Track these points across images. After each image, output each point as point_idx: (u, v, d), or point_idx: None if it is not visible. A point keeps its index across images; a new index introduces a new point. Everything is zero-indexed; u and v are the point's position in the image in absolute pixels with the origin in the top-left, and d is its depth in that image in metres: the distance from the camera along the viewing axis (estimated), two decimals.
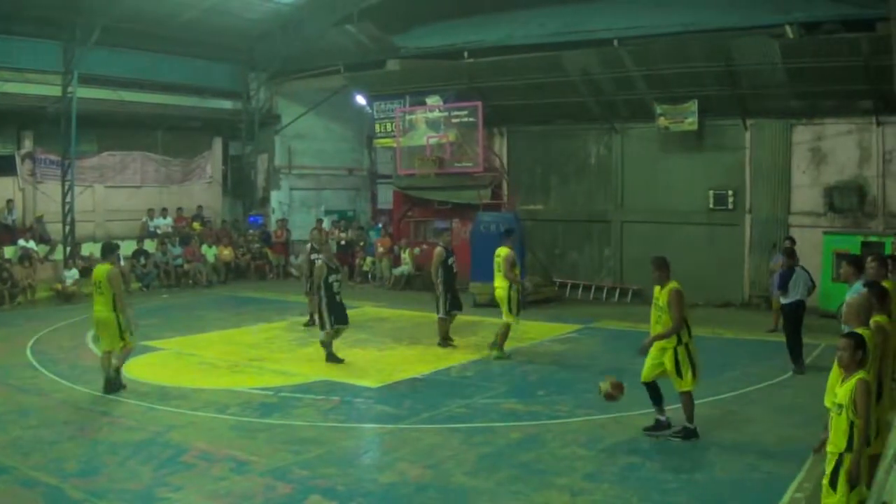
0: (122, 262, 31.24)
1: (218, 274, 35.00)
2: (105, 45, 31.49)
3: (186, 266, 34.28)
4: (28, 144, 33.03)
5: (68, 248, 31.94)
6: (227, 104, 39.15)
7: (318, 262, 20.05)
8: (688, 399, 13.16)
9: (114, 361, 16.48)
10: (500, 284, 19.94)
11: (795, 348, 18.21)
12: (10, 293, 28.49)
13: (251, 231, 38.36)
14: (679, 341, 13.05)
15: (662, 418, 13.26)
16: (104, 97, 33.18)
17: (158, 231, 35.71)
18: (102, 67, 32.65)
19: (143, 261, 32.91)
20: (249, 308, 27.75)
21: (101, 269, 16.55)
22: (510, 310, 19.76)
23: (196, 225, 37.18)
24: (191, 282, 34.16)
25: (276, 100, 40.15)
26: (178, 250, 34.52)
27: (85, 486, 11.36)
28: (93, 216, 34.84)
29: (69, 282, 29.85)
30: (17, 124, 32.82)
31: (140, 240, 34.24)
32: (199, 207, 38.36)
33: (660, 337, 13.09)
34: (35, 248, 31.08)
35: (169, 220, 36.59)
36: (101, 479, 11.71)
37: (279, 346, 21.49)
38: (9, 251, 30.38)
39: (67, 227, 32.36)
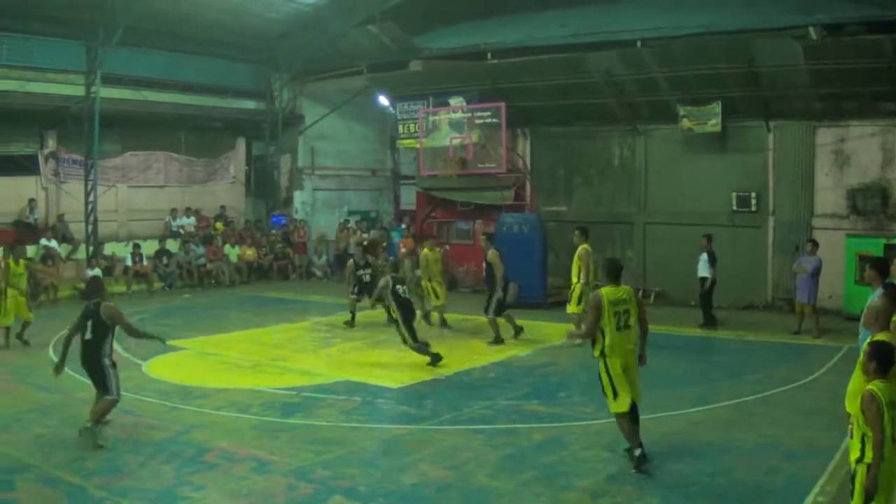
0: (145, 262, 31.45)
1: (240, 274, 35.04)
2: (128, 45, 31.52)
3: (209, 266, 34.34)
4: (51, 144, 33.14)
5: (91, 248, 32.01)
6: (250, 104, 39.25)
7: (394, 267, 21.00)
8: (620, 422, 12.20)
9: None
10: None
11: None
12: (32, 292, 28.52)
13: (274, 231, 38.37)
14: (600, 353, 12.07)
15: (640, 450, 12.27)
16: (127, 97, 33.27)
17: (181, 231, 35.78)
18: (125, 67, 32.73)
19: (165, 260, 32.97)
20: (272, 308, 27.78)
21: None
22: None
23: (219, 225, 37.24)
24: (213, 281, 34.21)
25: (299, 100, 40.16)
26: (200, 250, 34.58)
27: (107, 485, 11.38)
28: (116, 216, 34.94)
29: None
30: (41, 124, 32.93)
31: (163, 239, 34.31)
32: (222, 207, 38.43)
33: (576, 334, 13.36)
34: (57, 247, 31.16)
35: (192, 219, 36.65)
36: (123, 478, 11.73)
37: (301, 346, 21.50)
38: (31, 250, 30.43)
39: (90, 227, 32.42)
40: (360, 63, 36.39)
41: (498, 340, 21.43)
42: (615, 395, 11.86)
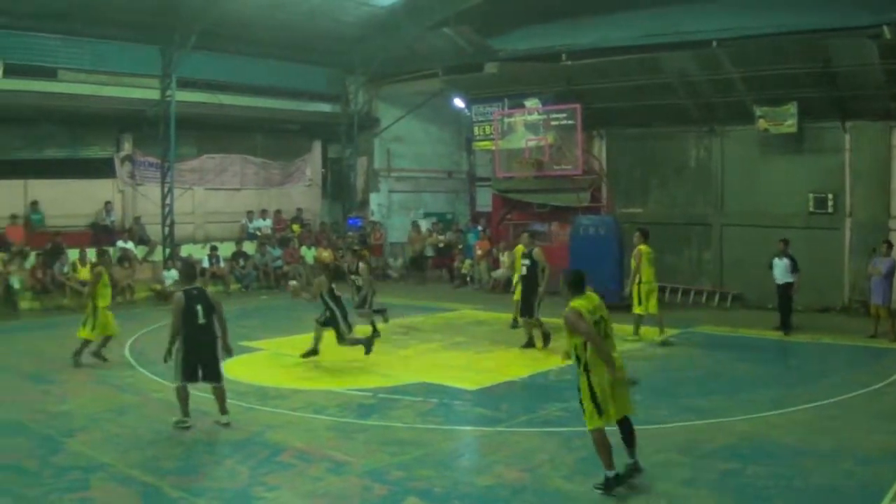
0: (222, 264, 31.63)
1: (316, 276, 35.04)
2: (203, 48, 31.86)
3: (286, 268, 34.44)
4: (127, 147, 33.49)
5: (167, 250, 32.26)
6: (325, 107, 39.37)
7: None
8: (596, 437, 11.17)
9: None
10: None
11: None
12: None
13: (350, 233, 38.42)
14: (582, 367, 11.11)
15: (634, 461, 11.62)
16: (203, 100, 33.60)
17: (258, 233, 35.97)
18: (201, 71, 33.08)
19: (242, 262, 33.16)
20: (347, 311, 27.79)
21: None
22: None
23: (295, 227, 37.42)
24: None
25: (374, 103, 40.21)
26: (277, 252, 34.72)
27: (182, 485, 11.43)
28: (192, 218, 35.26)
29: (168, 282, 30.14)
30: (117, 127, 33.36)
31: (239, 241, 34.58)
32: (299, 210, 38.61)
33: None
34: (134, 249, 31.41)
35: (268, 221, 36.85)
36: (198, 477, 11.79)
37: (377, 347, 21.34)
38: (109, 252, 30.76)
39: (167, 229, 32.66)
40: (436, 65, 36.39)
41: (530, 344, 21.18)
42: (599, 410, 10.98)
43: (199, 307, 13.63)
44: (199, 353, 13.71)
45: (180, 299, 13.76)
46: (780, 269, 23.40)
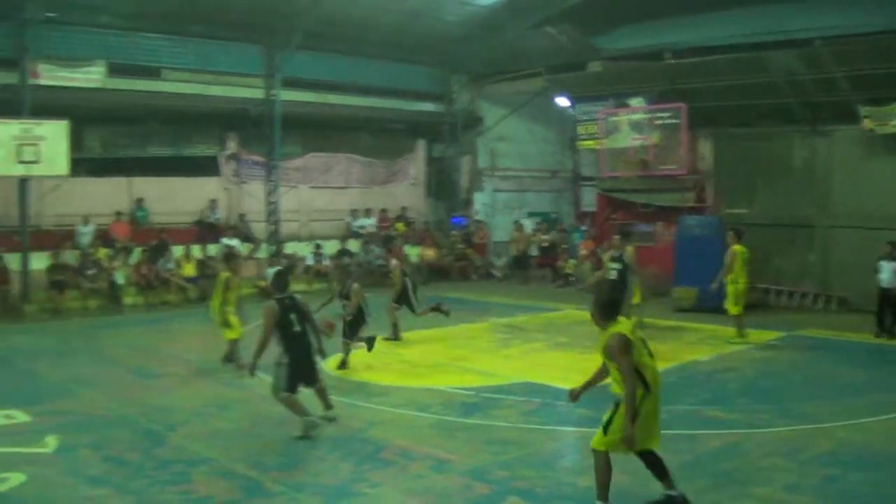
0: (325, 262, 31.75)
1: (420, 274, 35.05)
2: (306, 48, 32.12)
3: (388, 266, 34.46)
4: (232, 146, 33.76)
5: (272, 247, 32.46)
6: (429, 107, 39.39)
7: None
8: (602, 461, 10.27)
9: None
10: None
11: None
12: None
13: (454, 232, 38.36)
14: (643, 392, 10.09)
15: (674, 493, 10.76)
16: (307, 100, 33.85)
17: (362, 231, 36.07)
18: (304, 71, 33.29)
19: (346, 260, 33.23)
20: (451, 308, 27.69)
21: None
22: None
23: (399, 225, 37.49)
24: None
25: (477, 102, 40.14)
26: (381, 250, 34.72)
27: (284, 480, 11.47)
28: (297, 216, 35.50)
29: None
30: (221, 126, 33.73)
31: (344, 239, 34.71)
32: (403, 208, 38.66)
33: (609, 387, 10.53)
34: (239, 246, 31.65)
35: (372, 220, 36.96)
36: (299, 473, 11.83)
37: (480, 346, 21.37)
38: (212, 249, 31.03)
39: (272, 227, 32.88)
40: (538, 64, 36.22)
41: None
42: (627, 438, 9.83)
43: (292, 316, 13.54)
44: (300, 362, 13.60)
45: (274, 308, 13.61)
46: (888, 273, 22.80)
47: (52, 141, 27.57)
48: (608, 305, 10.25)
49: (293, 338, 13.50)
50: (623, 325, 10.12)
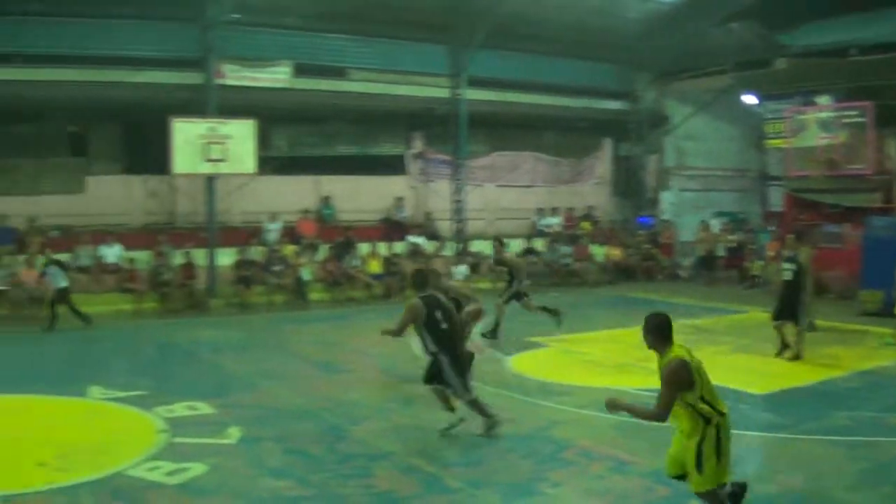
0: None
1: (606, 274, 34.82)
2: (491, 47, 32.25)
3: (576, 265, 34.30)
4: (418, 145, 34.05)
5: (459, 245, 32.57)
6: (614, 105, 39.14)
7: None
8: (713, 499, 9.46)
9: None
10: None
11: None
12: (400, 286, 29.13)
13: (641, 232, 38.01)
14: (708, 422, 9.36)
15: None
16: (492, 99, 33.95)
17: (547, 230, 35.98)
18: (488, 69, 33.39)
19: (532, 259, 33.21)
20: (637, 308, 27.34)
21: None
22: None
23: (585, 224, 37.38)
24: (578, 280, 34.03)
25: (663, 100, 39.71)
26: (567, 249, 34.61)
27: (463, 476, 11.52)
28: (483, 214, 35.64)
29: (459, 277, 30.25)
30: (407, 125, 34.16)
31: (529, 238, 34.64)
32: (589, 207, 38.49)
33: (637, 414, 9.85)
34: (425, 244, 31.82)
35: (558, 219, 36.82)
36: (479, 469, 11.86)
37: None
38: (398, 246, 31.30)
39: (458, 225, 33.01)
40: (724, 61, 35.68)
41: (798, 356, 20.03)
42: (718, 466, 9.34)
43: (437, 313, 13.34)
44: (459, 356, 13.40)
45: (420, 305, 13.34)
46: None
47: (239, 140, 28.25)
48: (658, 328, 9.57)
49: (442, 335, 13.29)
50: (681, 350, 9.39)
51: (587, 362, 19.46)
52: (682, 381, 9.10)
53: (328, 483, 11.22)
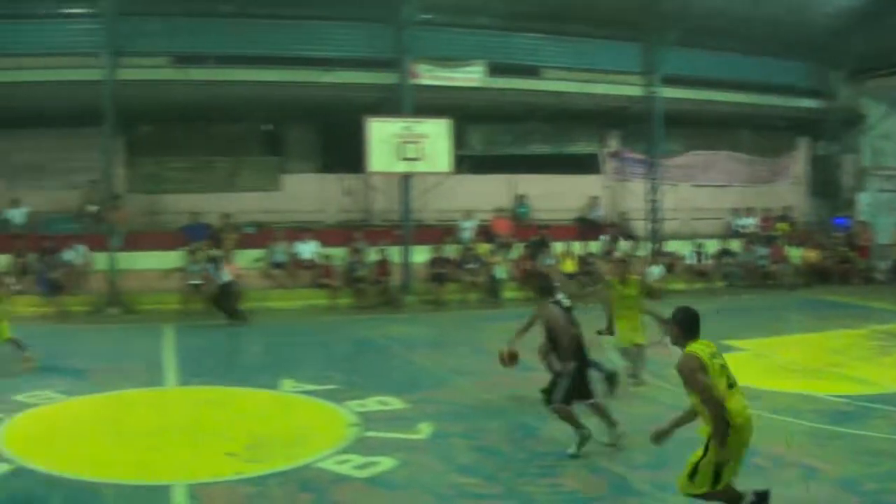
0: (706, 261, 31.62)
1: (801, 276, 34.31)
2: (685, 45, 32.09)
3: (771, 267, 33.93)
4: (613, 143, 34.05)
5: (654, 245, 32.51)
6: (809, 103, 38.47)
7: None
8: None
9: None
10: None
11: None
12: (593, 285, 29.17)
13: (836, 233, 37.31)
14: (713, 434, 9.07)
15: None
16: (688, 97, 33.73)
17: (743, 231, 35.63)
18: (684, 67, 33.32)
19: (728, 260, 33.02)
20: (832, 312, 27.04)
21: None
22: None
23: (782, 226, 36.85)
24: (774, 283, 33.67)
25: (859, 98, 38.83)
26: (763, 250, 34.22)
27: (651, 479, 11.48)
28: (676, 214, 35.34)
29: (653, 278, 30.12)
30: (601, 124, 34.13)
31: (724, 239, 34.37)
32: (786, 208, 37.95)
33: (683, 421, 9.77)
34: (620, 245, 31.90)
35: (754, 219, 36.42)
36: (667, 472, 11.60)
37: (858, 353, 20.74)
38: (593, 246, 31.37)
39: (653, 225, 32.94)
40: None
41: None
42: (717, 478, 9.19)
43: (573, 320, 13.19)
44: (581, 371, 12.97)
45: (558, 312, 13.16)
46: None
47: (434, 139, 28.69)
48: (681, 323, 9.20)
49: (579, 345, 12.95)
50: (698, 346, 9.02)
51: (779, 367, 19.24)
52: (694, 368, 8.82)
53: (515, 481, 11.30)
